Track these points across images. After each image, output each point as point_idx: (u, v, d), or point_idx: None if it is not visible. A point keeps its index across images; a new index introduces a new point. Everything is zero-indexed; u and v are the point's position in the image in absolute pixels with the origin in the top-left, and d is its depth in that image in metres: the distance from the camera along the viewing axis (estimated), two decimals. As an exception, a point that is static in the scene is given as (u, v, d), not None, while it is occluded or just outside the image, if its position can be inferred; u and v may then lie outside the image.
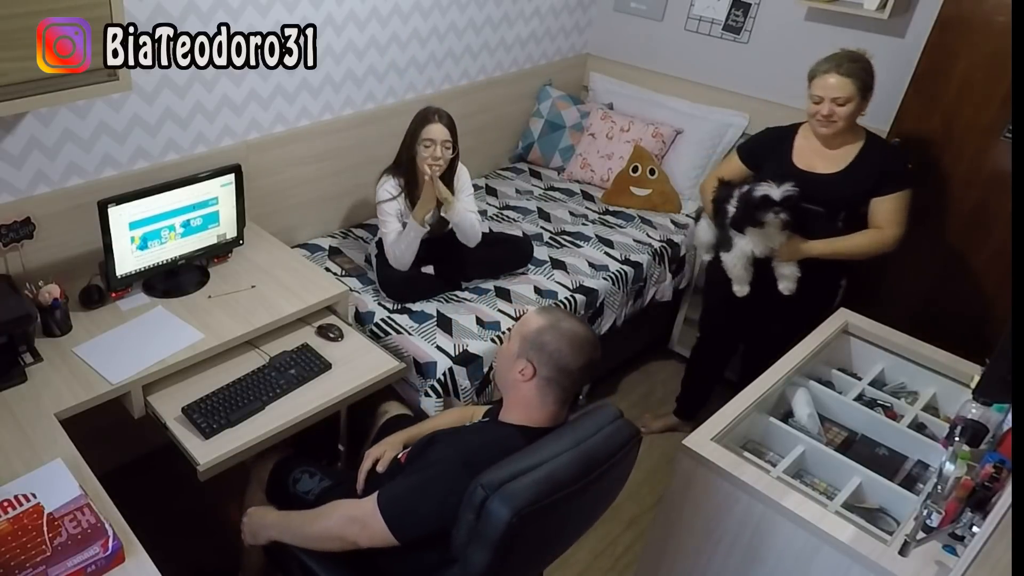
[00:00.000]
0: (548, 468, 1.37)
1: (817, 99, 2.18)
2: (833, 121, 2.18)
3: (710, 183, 2.49)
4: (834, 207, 2.25)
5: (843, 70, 2.14)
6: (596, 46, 3.73)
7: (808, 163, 2.30)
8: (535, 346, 1.50)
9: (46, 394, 1.77)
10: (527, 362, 1.50)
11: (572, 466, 1.40)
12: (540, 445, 1.45)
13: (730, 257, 2.34)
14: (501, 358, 1.60)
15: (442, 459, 1.48)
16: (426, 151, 2.34)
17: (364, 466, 1.72)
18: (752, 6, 3.14)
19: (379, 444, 1.78)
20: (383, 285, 2.48)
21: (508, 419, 1.56)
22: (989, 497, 1.40)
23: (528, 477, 1.34)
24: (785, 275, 2.31)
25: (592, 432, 1.49)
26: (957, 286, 2.73)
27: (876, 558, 1.48)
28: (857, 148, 2.26)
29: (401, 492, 1.48)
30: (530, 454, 1.41)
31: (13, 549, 1.32)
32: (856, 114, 2.19)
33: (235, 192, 2.24)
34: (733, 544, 1.73)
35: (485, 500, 1.31)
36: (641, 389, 3.15)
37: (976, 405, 1.56)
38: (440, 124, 2.35)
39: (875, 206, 2.24)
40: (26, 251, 2.01)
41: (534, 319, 1.54)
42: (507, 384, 1.57)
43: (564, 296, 2.57)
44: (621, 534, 2.46)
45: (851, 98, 2.14)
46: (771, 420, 1.94)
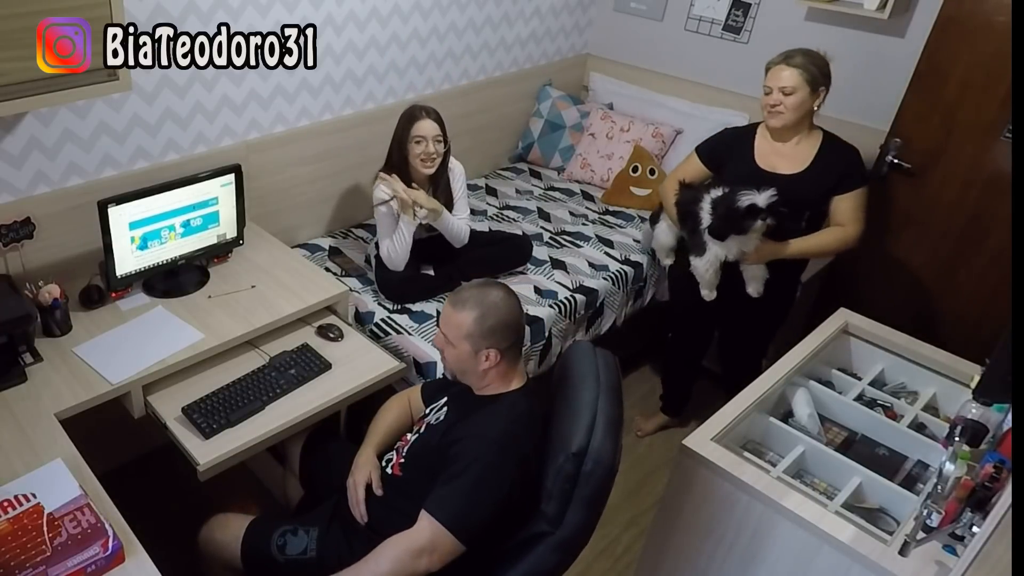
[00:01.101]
0: (603, 415, 1.49)
1: (767, 90, 2.23)
2: (780, 112, 2.21)
3: (671, 184, 2.47)
4: (798, 207, 2.27)
5: (792, 62, 2.19)
6: (596, 46, 3.73)
7: (770, 164, 2.31)
8: (484, 333, 1.56)
9: (46, 394, 1.77)
10: (487, 349, 1.56)
11: (614, 403, 1.54)
12: (573, 399, 1.54)
13: (702, 262, 2.33)
14: (457, 362, 1.61)
15: (480, 455, 1.48)
16: (418, 147, 2.33)
17: (359, 496, 1.65)
18: (752, 6, 3.14)
19: (358, 469, 1.69)
20: (382, 287, 2.48)
21: (496, 391, 1.62)
22: (989, 497, 1.40)
23: (598, 431, 1.46)
24: (754, 277, 2.33)
25: (597, 367, 1.60)
26: (957, 286, 2.73)
27: (876, 558, 1.48)
28: (815, 147, 2.29)
29: (456, 500, 1.47)
30: (577, 411, 1.51)
31: (13, 549, 1.32)
32: (805, 107, 2.21)
33: (235, 192, 2.24)
34: (733, 544, 1.73)
35: (580, 466, 1.43)
36: (641, 389, 3.15)
37: (976, 405, 1.56)
38: (429, 120, 2.33)
39: (836, 204, 2.27)
40: (26, 251, 2.01)
41: (462, 315, 1.57)
42: (476, 375, 1.62)
43: (564, 296, 2.56)
44: (621, 534, 2.46)
45: (798, 88, 2.18)
46: (771, 420, 1.94)
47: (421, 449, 1.65)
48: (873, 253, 2.90)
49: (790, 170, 2.28)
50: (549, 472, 1.49)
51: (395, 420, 1.84)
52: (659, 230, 2.63)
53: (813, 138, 2.30)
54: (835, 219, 2.29)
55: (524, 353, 2.35)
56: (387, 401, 1.91)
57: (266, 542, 1.67)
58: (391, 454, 1.73)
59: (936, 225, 2.73)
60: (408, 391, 1.93)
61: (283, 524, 1.70)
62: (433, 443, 1.61)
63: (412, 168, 2.38)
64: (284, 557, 1.65)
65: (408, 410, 1.87)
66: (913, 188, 2.74)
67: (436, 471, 1.54)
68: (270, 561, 1.65)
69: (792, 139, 2.29)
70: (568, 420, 1.52)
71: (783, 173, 2.28)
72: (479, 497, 1.46)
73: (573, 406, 1.54)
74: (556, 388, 1.70)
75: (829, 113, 2.92)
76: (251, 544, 1.68)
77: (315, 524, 1.70)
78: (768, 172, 2.29)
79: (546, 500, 1.49)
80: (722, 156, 2.42)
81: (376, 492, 1.65)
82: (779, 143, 2.31)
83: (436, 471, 1.54)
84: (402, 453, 1.69)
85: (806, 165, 2.27)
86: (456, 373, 1.66)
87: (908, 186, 2.76)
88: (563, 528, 1.48)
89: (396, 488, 1.64)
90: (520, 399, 1.61)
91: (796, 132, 2.28)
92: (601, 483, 1.45)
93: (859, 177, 2.26)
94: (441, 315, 1.67)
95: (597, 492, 1.46)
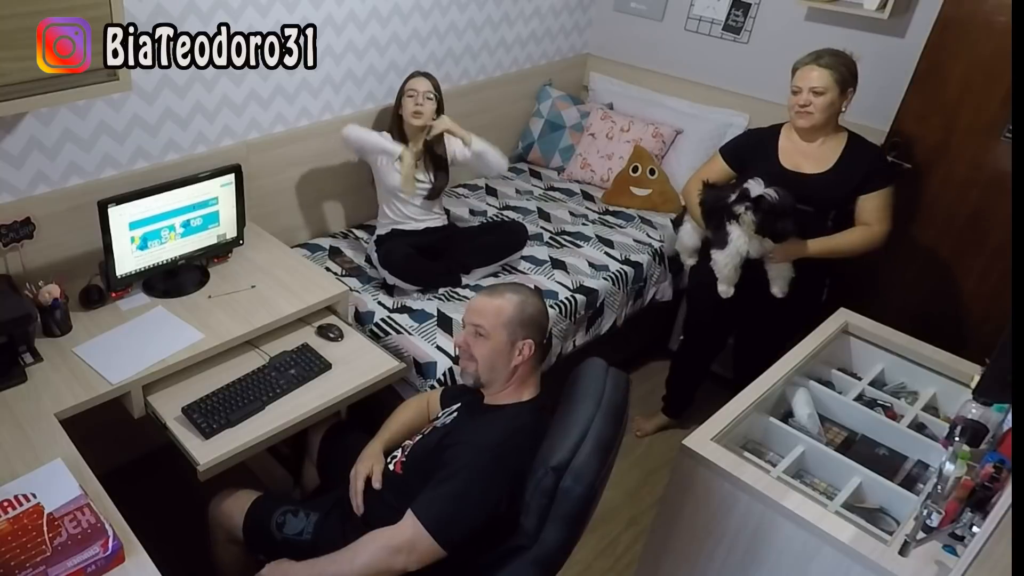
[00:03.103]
0: (594, 434, 1.46)
1: (796, 89, 2.23)
2: (810, 112, 2.20)
3: (694, 185, 2.47)
4: (823, 206, 2.28)
5: (822, 62, 2.19)
6: (596, 46, 3.73)
7: (795, 163, 2.31)
8: (525, 321, 1.56)
9: (46, 394, 1.77)
10: (524, 340, 1.56)
11: (609, 424, 1.50)
12: (569, 414, 1.52)
13: (723, 255, 2.33)
14: (491, 355, 1.59)
15: (471, 462, 1.48)
16: (409, 100, 2.47)
17: (358, 487, 1.66)
18: (752, 6, 3.14)
19: (362, 461, 1.72)
20: (384, 262, 2.48)
21: (504, 400, 1.60)
22: (989, 497, 1.40)
23: (584, 449, 1.43)
24: (779, 277, 2.32)
25: (603, 386, 1.57)
26: (957, 286, 2.73)
27: (876, 558, 1.48)
28: (840, 147, 2.28)
29: (442, 504, 1.46)
30: (569, 426, 1.48)
31: (13, 549, 1.32)
32: (834, 108, 2.22)
33: (235, 192, 2.24)
34: (733, 544, 1.73)
35: (558, 482, 1.39)
36: (641, 389, 3.15)
37: (976, 405, 1.56)
38: (423, 77, 2.51)
39: (862, 204, 2.27)
40: (26, 251, 2.01)
41: (504, 302, 1.57)
42: (503, 374, 1.60)
43: (564, 296, 2.56)
44: (621, 534, 2.46)
45: (828, 89, 2.18)
46: (771, 420, 1.93)
47: (422, 451, 1.65)
48: (873, 253, 2.89)
49: (814, 170, 2.28)
50: (529, 485, 1.46)
51: (409, 419, 1.85)
52: (683, 231, 2.63)
53: (838, 138, 2.29)
54: (861, 219, 2.29)
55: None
56: (407, 400, 1.94)
57: (268, 518, 1.72)
58: (397, 451, 1.73)
59: (936, 225, 2.72)
60: (428, 393, 1.94)
61: (286, 504, 1.75)
62: (432, 445, 1.61)
63: (405, 123, 2.50)
64: (281, 535, 1.69)
65: (426, 412, 1.88)
66: (913, 188, 2.74)
67: (431, 473, 1.54)
68: (268, 537, 1.70)
69: (818, 139, 2.29)
70: (558, 435, 1.50)
71: (808, 173, 2.28)
72: (465, 504, 1.46)
73: (567, 422, 1.52)
74: (563, 400, 1.68)
75: (829, 113, 2.93)
76: (254, 517, 1.74)
77: (317, 509, 1.74)
78: (792, 172, 2.29)
79: (525, 513, 1.47)
80: (746, 156, 2.42)
81: (375, 486, 1.66)
82: (804, 143, 2.31)
83: (431, 473, 1.54)
84: (406, 452, 1.70)
85: (830, 165, 2.27)
86: (482, 372, 1.62)
87: (908, 186, 2.76)
88: (539, 545, 1.45)
89: (394, 485, 1.65)
90: (524, 412, 1.59)
91: (822, 132, 2.28)
92: (579, 502, 1.41)
93: (885, 176, 2.26)
94: (471, 308, 1.63)
95: (574, 511, 1.42)
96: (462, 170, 3.30)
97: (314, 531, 1.69)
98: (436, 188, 2.57)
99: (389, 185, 2.53)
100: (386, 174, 2.51)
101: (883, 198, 2.26)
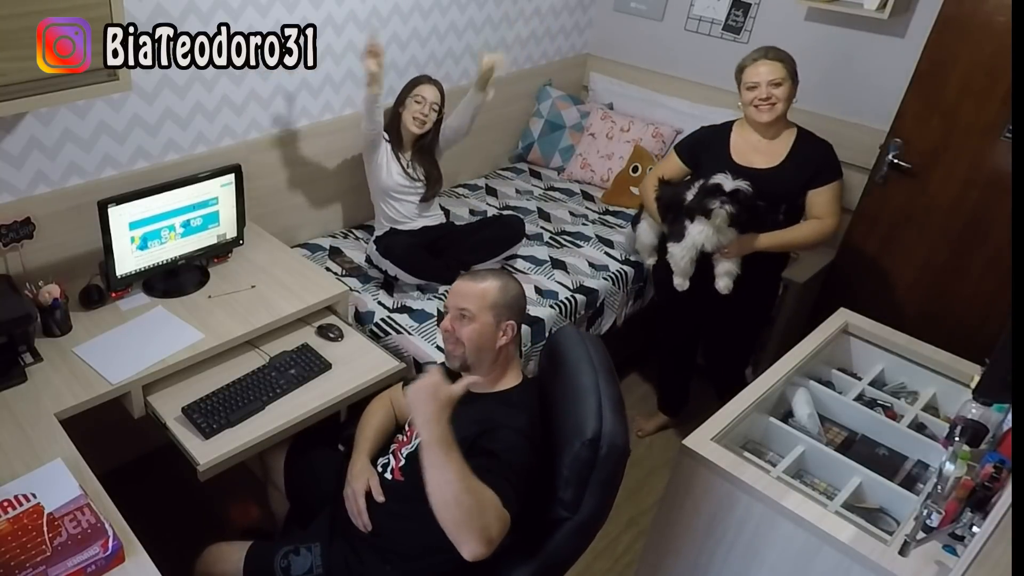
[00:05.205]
0: (607, 397, 1.50)
1: (752, 85, 2.24)
2: (773, 104, 2.22)
3: (651, 182, 2.50)
4: (775, 200, 2.29)
5: (771, 56, 2.22)
6: (596, 46, 3.73)
7: (746, 159, 2.33)
8: (508, 303, 1.59)
9: (46, 394, 1.77)
10: (507, 322, 1.59)
11: (612, 384, 1.55)
12: (573, 384, 1.56)
13: (679, 248, 2.33)
14: (478, 338, 1.57)
15: (514, 444, 1.47)
16: (416, 105, 2.48)
17: (360, 505, 1.61)
18: (752, 6, 3.14)
19: (355, 479, 1.65)
20: (386, 253, 2.48)
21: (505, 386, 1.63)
22: (989, 497, 1.40)
23: (606, 413, 1.47)
24: (725, 272, 2.33)
25: (587, 350, 1.61)
26: (957, 286, 2.73)
27: (876, 558, 1.48)
28: (791, 141, 2.31)
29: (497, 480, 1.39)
30: (582, 396, 1.51)
31: (13, 549, 1.32)
32: (790, 99, 2.24)
33: (235, 192, 2.24)
34: (733, 544, 1.73)
35: (596, 451, 1.44)
36: (641, 389, 3.15)
37: (976, 405, 1.56)
38: (434, 86, 2.51)
39: (812, 198, 2.30)
40: (26, 251, 2.01)
41: (488, 285, 1.59)
42: (490, 357, 1.61)
43: (564, 296, 2.56)
44: (621, 534, 2.46)
45: (784, 80, 2.21)
46: (771, 420, 1.93)
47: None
48: (873, 253, 2.90)
49: (766, 164, 2.31)
50: (565, 459, 1.48)
51: (380, 424, 1.81)
52: (640, 230, 2.65)
53: (788, 133, 2.32)
54: (812, 212, 2.32)
55: (525, 353, 2.36)
56: (369, 404, 1.88)
57: (269, 567, 1.62)
58: (387, 459, 1.70)
59: (936, 225, 2.72)
60: (388, 391, 1.90)
61: (283, 545, 1.66)
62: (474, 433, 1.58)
63: (403, 125, 2.51)
64: None
65: (391, 410, 1.85)
66: (913, 188, 2.74)
67: None
68: None
69: (771, 134, 2.31)
70: (574, 406, 1.52)
71: (759, 168, 2.30)
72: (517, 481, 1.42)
73: (575, 392, 1.54)
74: (551, 375, 1.69)
75: (829, 113, 2.93)
76: (253, 572, 1.64)
77: (316, 540, 1.66)
78: (744, 167, 2.31)
79: (563, 488, 1.49)
80: (700, 153, 2.44)
81: (377, 499, 1.62)
82: (755, 138, 2.33)
83: None
84: (401, 457, 1.66)
85: (781, 159, 2.30)
86: (469, 354, 1.59)
87: (908, 186, 2.76)
88: (580, 512, 1.49)
89: (398, 493, 1.61)
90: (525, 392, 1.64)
91: (779, 126, 2.31)
92: (616, 464, 1.47)
93: (834, 171, 2.29)
94: (454, 291, 1.63)
95: (613, 473, 1.48)
96: (462, 170, 3.31)
97: (323, 563, 1.62)
98: (430, 190, 2.59)
99: (382, 184, 2.53)
100: (378, 171, 2.52)
101: (833, 191, 2.28)
